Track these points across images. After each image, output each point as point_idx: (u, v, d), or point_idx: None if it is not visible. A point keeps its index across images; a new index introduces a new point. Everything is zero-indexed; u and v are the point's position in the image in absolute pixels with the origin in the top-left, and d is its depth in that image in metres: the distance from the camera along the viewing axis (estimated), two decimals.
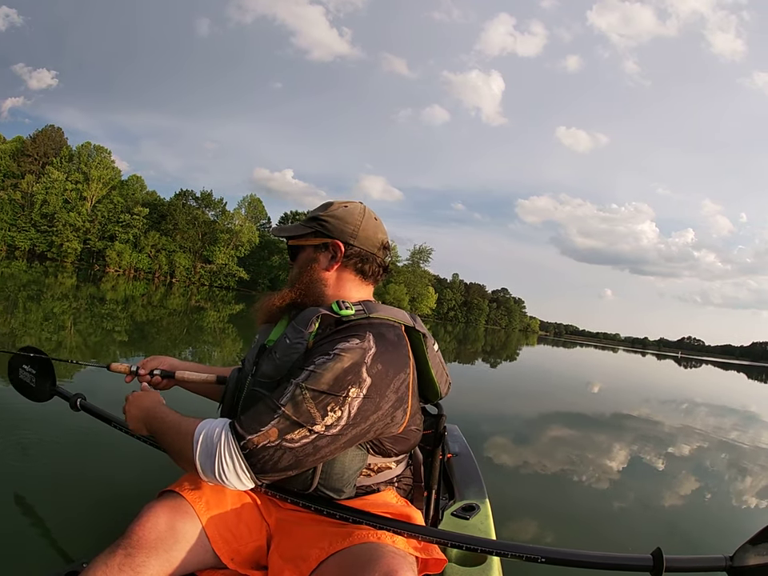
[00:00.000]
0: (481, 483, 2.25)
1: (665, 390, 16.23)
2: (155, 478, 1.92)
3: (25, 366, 2.17)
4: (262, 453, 1.20)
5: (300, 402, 1.22)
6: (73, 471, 2.95)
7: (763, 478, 5.50)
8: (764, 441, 8.03)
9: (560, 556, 1.20)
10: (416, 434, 1.49)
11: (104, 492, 2.67)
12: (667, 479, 4.86)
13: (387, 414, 1.33)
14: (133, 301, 19.97)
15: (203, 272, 65.70)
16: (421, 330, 1.45)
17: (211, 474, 1.23)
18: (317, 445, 1.23)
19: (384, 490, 1.46)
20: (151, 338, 9.49)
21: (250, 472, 1.21)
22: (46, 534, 2.28)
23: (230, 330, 14.68)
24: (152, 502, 1.29)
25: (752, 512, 4.19)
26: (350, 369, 1.25)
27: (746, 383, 30.78)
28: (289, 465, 1.23)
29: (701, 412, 11.24)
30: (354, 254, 1.51)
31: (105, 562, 1.16)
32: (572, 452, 5.42)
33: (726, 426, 9.26)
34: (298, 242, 1.59)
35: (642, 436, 6.86)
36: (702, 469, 5.48)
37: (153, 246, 61.43)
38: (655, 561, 1.15)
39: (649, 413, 9.45)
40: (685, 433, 7.44)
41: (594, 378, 17.74)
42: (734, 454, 6.60)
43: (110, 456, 3.10)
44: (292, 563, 1.27)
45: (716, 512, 4.12)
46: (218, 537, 1.30)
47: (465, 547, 1.26)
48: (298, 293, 1.53)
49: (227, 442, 1.22)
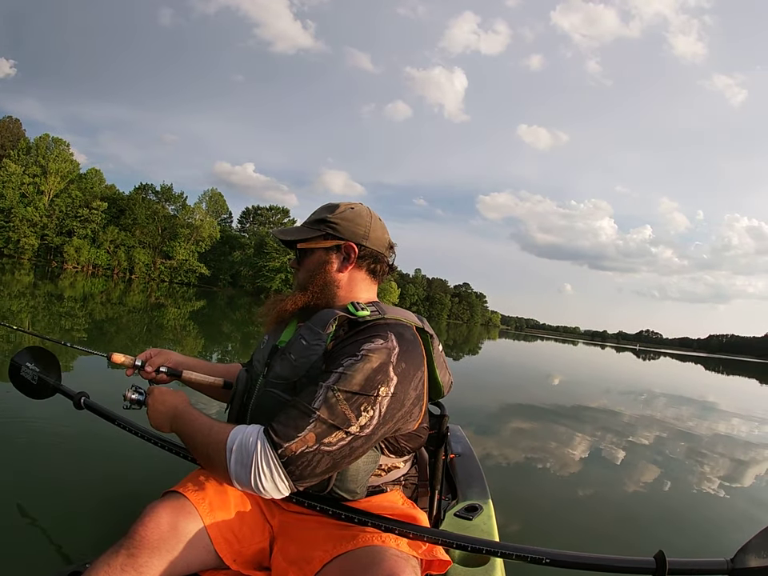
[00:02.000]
0: (483, 484, 2.27)
1: (658, 386, 16.61)
2: (158, 478, 1.97)
3: (28, 364, 2.15)
4: (301, 459, 1.20)
5: (334, 405, 1.23)
6: (76, 470, 2.96)
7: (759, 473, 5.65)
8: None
9: (564, 558, 1.21)
10: (426, 431, 1.51)
11: (107, 492, 2.68)
12: (666, 479, 4.89)
13: (408, 411, 1.36)
14: (91, 298, 19.52)
15: (163, 268, 64.48)
16: (429, 332, 1.47)
17: (247, 484, 1.23)
18: (353, 446, 1.25)
19: (390, 491, 1.47)
20: (111, 336, 9.34)
21: (288, 480, 1.21)
22: (49, 533, 2.28)
23: (191, 328, 14.52)
24: (155, 502, 1.29)
25: (749, 512, 4.23)
26: (378, 368, 1.27)
27: (705, 374, 31.78)
28: (326, 468, 1.24)
29: (695, 409, 11.34)
30: (367, 254, 1.54)
31: (107, 562, 1.16)
32: (569, 450, 5.46)
33: (710, 420, 9.48)
34: (308, 245, 1.57)
35: (642, 437, 6.86)
36: (701, 469, 5.51)
37: (112, 241, 60.03)
38: (658, 563, 1.16)
39: (636, 410, 9.53)
40: (685, 435, 7.44)
41: (564, 371, 18.08)
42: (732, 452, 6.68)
43: (113, 455, 3.12)
44: (296, 565, 1.29)
45: (718, 512, 4.14)
46: (221, 538, 1.30)
47: (470, 548, 1.27)
48: (311, 296, 1.54)
49: (264, 450, 1.21)
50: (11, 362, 2.20)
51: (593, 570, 1.21)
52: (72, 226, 58.00)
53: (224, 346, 11.19)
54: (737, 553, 1.18)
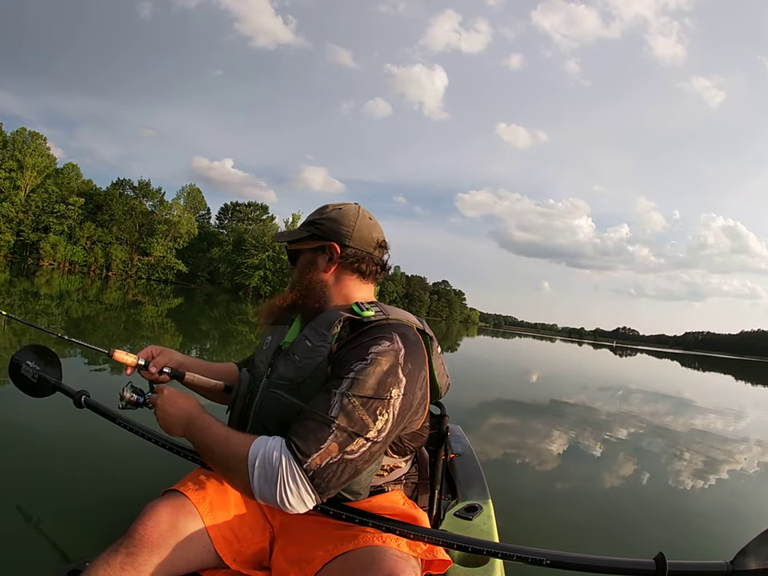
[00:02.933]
0: (483, 483, 2.27)
1: (639, 383, 16.81)
2: (159, 477, 1.95)
3: (29, 362, 2.13)
4: (326, 471, 1.19)
5: (351, 412, 1.22)
6: (75, 469, 2.97)
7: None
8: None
9: (564, 559, 1.21)
10: (427, 430, 1.52)
11: (107, 490, 2.70)
12: (665, 480, 4.92)
13: (415, 411, 1.36)
14: (68, 296, 19.33)
15: (140, 265, 63.88)
16: (429, 333, 1.47)
17: (271, 500, 1.20)
18: (372, 451, 1.24)
19: (391, 490, 1.47)
20: (88, 335, 9.22)
21: (314, 493, 1.19)
22: (49, 532, 2.29)
23: (169, 326, 14.39)
24: (155, 501, 1.28)
25: (745, 513, 4.26)
26: (389, 371, 1.27)
27: (682, 371, 32.19)
28: (349, 477, 1.23)
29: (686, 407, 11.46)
30: (350, 254, 1.53)
31: (107, 560, 1.16)
32: (569, 450, 5.51)
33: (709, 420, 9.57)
34: (296, 246, 1.61)
35: (638, 437, 6.92)
36: (697, 468, 5.56)
37: (88, 237, 59.26)
38: (658, 565, 1.16)
39: (623, 408, 9.58)
40: (680, 435, 7.49)
41: (547, 368, 18.39)
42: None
43: (114, 454, 3.13)
44: (296, 566, 1.28)
45: (715, 513, 4.16)
46: (221, 537, 1.30)
47: (471, 549, 1.27)
48: (298, 294, 1.55)
49: (290, 466, 1.18)
50: (12, 360, 2.18)
51: (593, 572, 1.21)
52: (48, 221, 57.17)
53: (202, 344, 11.15)
54: (736, 555, 1.18)
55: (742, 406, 13.56)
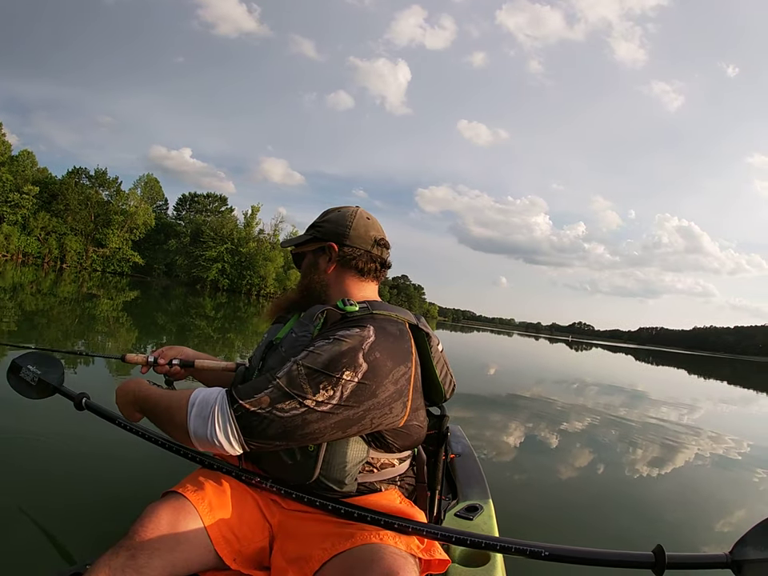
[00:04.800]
0: (484, 484, 2.28)
1: (617, 378, 16.81)
2: (158, 479, 1.97)
3: (30, 367, 2.11)
4: (252, 417, 1.25)
5: (294, 377, 1.27)
6: (76, 471, 2.97)
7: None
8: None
9: (563, 552, 1.22)
10: (418, 429, 1.51)
11: (107, 492, 2.69)
12: (663, 475, 4.98)
13: (384, 404, 1.35)
14: (21, 289, 18.83)
15: (95, 257, 62.15)
16: (424, 329, 1.49)
17: (203, 435, 1.29)
18: (305, 418, 1.26)
19: (386, 490, 1.47)
20: (42, 329, 9.05)
21: (240, 435, 1.26)
22: (49, 534, 2.28)
23: (125, 319, 14.15)
24: (155, 503, 1.29)
25: (737, 508, 4.31)
26: (346, 352, 1.30)
27: (635, 364, 32.97)
28: (277, 433, 1.27)
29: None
30: (348, 253, 1.58)
31: (108, 563, 1.16)
32: (570, 449, 5.54)
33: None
34: (299, 250, 1.70)
35: (638, 433, 6.96)
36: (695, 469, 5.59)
37: (42, 228, 57.27)
38: (657, 558, 1.18)
39: (612, 406, 9.65)
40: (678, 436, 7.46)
41: (520, 362, 18.74)
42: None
43: (114, 456, 3.12)
44: (295, 565, 1.29)
45: (714, 504, 4.27)
46: (221, 538, 1.30)
47: (469, 542, 1.27)
48: (300, 294, 1.64)
49: (222, 404, 1.27)
50: (12, 363, 2.16)
51: (592, 565, 1.21)
52: (2, 211, 55.03)
53: (159, 339, 10.97)
54: (734, 546, 1.19)
55: (715, 400, 14.14)
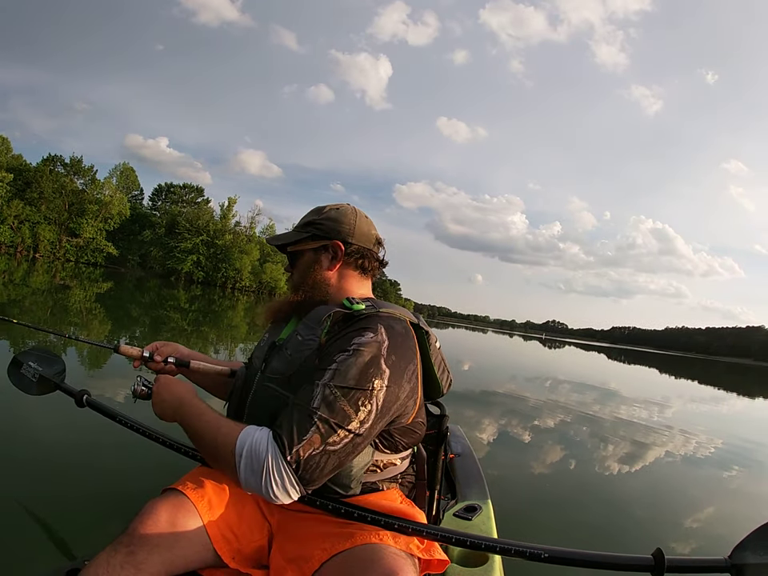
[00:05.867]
0: (483, 484, 2.28)
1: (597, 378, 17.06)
2: (158, 476, 1.95)
3: (31, 363, 2.11)
4: (309, 463, 1.21)
5: (332, 402, 1.24)
6: (75, 467, 2.99)
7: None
8: None
9: (563, 555, 1.22)
10: (422, 427, 1.52)
11: (107, 489, 2.70)
12: (663, 477, 5.12)
13: (403, 404, 1.37)
14: None
15: (69, 246, 60.77)
16: (424, 328, 1.49)
17: (257, 490, 1.24)
18: (355, 443, 1.26)
19: (388, 489, 1.47)
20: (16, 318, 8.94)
21: (299, 485, 1.22)
22: (48, 530, 2.30)
23: (98, 311, 14.02)
24: (154, 500, 1.28)
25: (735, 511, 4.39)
26: (371, 362, 1.29)
27: (608, 362, 33.68)
28: (333, 468, 1.26)
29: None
30: (354, 251, 1.58)
31: (107, 559, 1.14)
32: (572, 450, 5.60)
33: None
34: (297, 248, 1.63)
35: (635, 433, 7.10)
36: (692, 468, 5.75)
37: (16, 216, 55.48)
38: (656, 561, 1.17)
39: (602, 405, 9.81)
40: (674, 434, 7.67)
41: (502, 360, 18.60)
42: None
43: (113, 453, 3.13)
44: (294, 564, 1.28)
45: (714, 509, 4.34)
46: (220, 536, 1.30)
47: (469, 543, 1.26)
48: (303, 295, 1.58)
49: (275, 458, 1.21)
50: (13, 358, 2.16)
51: (591, 568, 1.21)
52: None
53: (132, 331, 10.91)
54: (733, 550, 1.19)
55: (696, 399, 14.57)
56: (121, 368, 5.63)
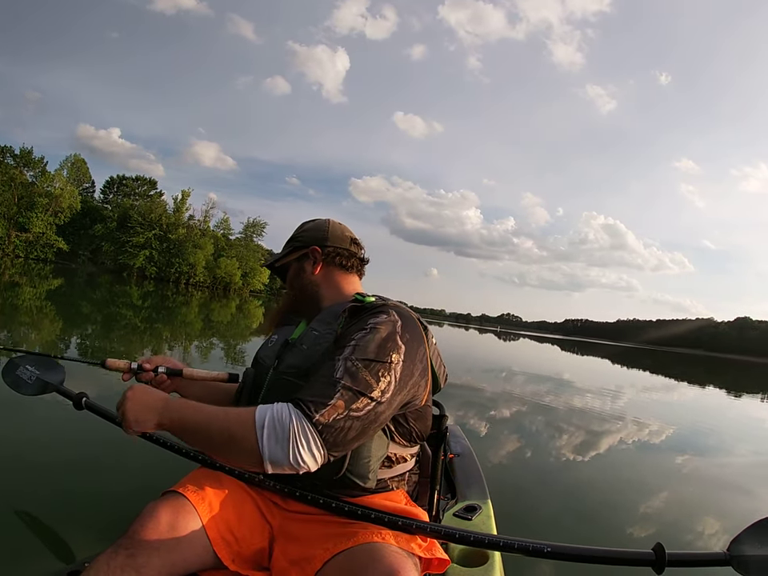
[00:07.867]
0: (483, 484, 2.29)
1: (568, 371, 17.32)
2: (158, 478, 1.95)
3: (28, 366, 2.07)
4: (334, 426, 1.21)
5: (355, 372, 1.27)
6: (75, 470, 2.98)
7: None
8: None
9: (565, 550, 1.22)
10: (430, 414, 1.57)
11: (106, 491, 2.70)
12: (661, 474, 5.18)
13: (416, 383, 1.41)
14: None
15: (18, 242, 58.89)
16: (424, 324, 1.55)
17: (283, 459, 1.20)
18: (377, 411, 1.28)
19: (394, 489, 1.49)
20: None
21: (324, 448, 1.21)
22: (48, 533, 2.29)
23: (48, 309, 13.70)
24: (154, 502, 1.28)
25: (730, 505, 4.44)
26: (388, 337, 1.35)
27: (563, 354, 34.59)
28: (357, 435, 1.26)
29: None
30: (330, 251, 1.69)
31: (107, 562, 1.14)
32: (568, 450, 5.59)
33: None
34: (282, 262, 1.77)
35: (641, 435, 7.10)
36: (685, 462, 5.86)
37: None
38: (657, 555, 1.18)
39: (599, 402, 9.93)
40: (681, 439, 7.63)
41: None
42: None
43: (113, 455, 3.12)
44: (297, 566, 1.28)
45: (714, 505, 4.37)
46: (219, 538, 1.29)
47: (472, 538, 1.27)
48: (293, 297, 1.73)
49: (300, 421, 1.20)
50: (9, 361, 2.11)
51: (593, 563, 1.22)
52: None
53: (83, 329, 10.71)
54: (731, 544, 1.20)
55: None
56: (116, 373, 5.76)
